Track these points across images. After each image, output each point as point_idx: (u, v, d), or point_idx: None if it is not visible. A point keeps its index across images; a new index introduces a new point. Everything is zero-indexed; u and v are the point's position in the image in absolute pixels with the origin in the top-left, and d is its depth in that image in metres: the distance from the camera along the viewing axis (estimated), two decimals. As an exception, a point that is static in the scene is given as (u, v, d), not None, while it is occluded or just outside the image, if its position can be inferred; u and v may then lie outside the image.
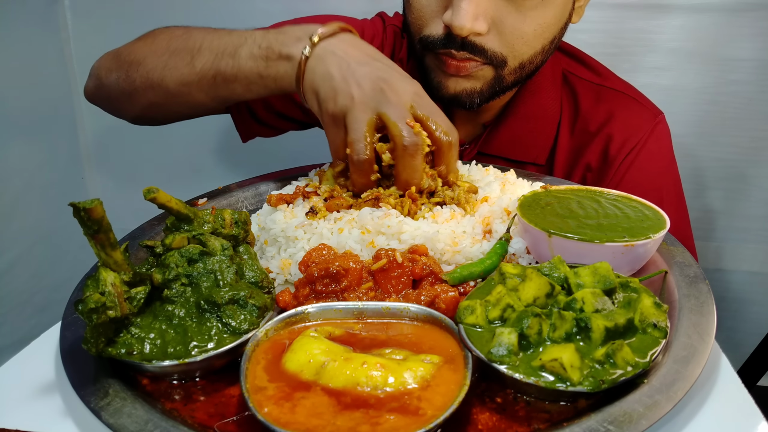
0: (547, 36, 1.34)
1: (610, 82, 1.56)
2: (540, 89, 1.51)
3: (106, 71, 1.46)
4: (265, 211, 1.20)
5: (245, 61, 1.21)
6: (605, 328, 0.77)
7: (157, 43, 1.37)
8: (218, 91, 1.29)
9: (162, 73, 1.32)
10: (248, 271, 0.94)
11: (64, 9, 2.40)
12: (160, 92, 1.35)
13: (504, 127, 1.53)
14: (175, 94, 1.34)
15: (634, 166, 1.47)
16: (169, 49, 1.33)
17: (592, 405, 0.74)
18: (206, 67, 1.26)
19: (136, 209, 1.41)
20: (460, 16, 1.21)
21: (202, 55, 1.27)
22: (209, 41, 1.28)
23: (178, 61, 1.30)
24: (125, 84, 1.40)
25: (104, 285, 0.78)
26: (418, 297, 0.91)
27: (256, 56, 1.20)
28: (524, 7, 1.26)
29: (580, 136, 1.52)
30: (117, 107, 1.52)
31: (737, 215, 2.24)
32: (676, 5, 2.02)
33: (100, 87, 1.49)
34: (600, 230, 0.98)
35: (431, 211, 1.11)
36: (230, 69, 1.23)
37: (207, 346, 0.81)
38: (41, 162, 2.38)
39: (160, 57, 1.34)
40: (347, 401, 0.72)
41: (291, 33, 1.19)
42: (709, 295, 0.91)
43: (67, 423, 0.77)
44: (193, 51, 1.29)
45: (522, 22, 1.28)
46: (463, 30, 1.23)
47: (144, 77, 1.36)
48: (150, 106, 1.42)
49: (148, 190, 0.89)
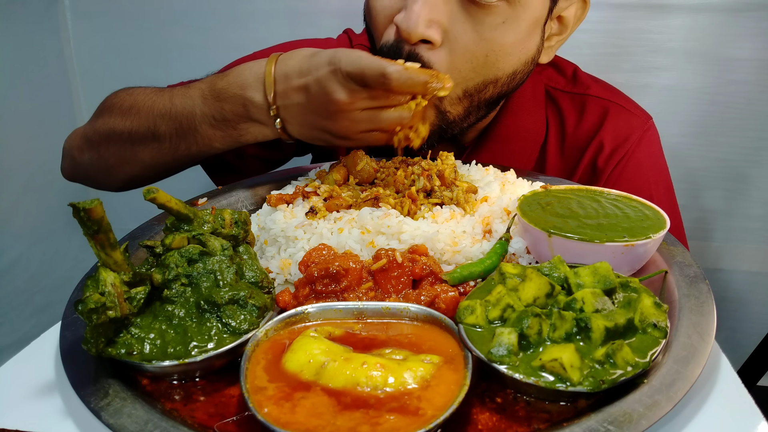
0: (501, 66, 1.23)
1: (593, 90, 1.50)
2: (521, 109, 1.45)
3: (78, 151, 1.45)
4: (265, 211, 1.20)
5: (209, 132, 1.21)
6: (605, 328, 0.77)
7: (113, 120, 1.35)
8: (195, 161, 1.32)
9: (133, 150, 1.32)
10: (248, 271, 0.94)
11: (64, 9, 2.41)
12: (138, 167, 1.35)
13: (484, 149, 1.49)
14: (153, 167, 1.34)
15: (623, 177, 1.44)
16: (130, 129, 1.31)
17: (592, 405, 0.73)
18: (174, 145, 1.27)
19: (136, 209, 1.41)
20: (411, 18, 1.12)
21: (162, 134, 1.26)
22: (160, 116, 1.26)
23: (143, 140, 1.29)
24: (99, 162, 1.40)
25: (104, 285, 0.78)
26: (418, 297, 0.91)
27: (220, 125, 1.20)
28: (482, 25, 1.17)
29: (570, 153, 1.49)
30: (98, 183, 1.51)
31: (737, 215, 2.25)
32: (676, 5, 2.02)
33: (76, 167, 1.49)
34: (600, 230, 0.98)
35: (431, 211, 1.11)
36: (198, 147, 1.24)
37: (207, 346, 0.81)
38: (41, 162, 2.38)
39: (122, 134, 1.32)
40: (347, 401, 0.72)
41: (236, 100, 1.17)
42: (709, 295, 0.91)
43: (67, 423, 0.77)
44: (151, 128, 1.27)
45: (476, 43, 1.18)
46: (412, 35, 1.14)
47: (116, 155, 1.36)
48: (131, 180, 1.41)
49: (148, 190, 0.89)
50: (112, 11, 2.39)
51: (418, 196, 1.14)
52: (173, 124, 1.24)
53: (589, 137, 1.47)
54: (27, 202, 2.32)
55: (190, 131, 1.23)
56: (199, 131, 1.22)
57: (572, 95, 1.50)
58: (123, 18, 2.37)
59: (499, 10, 1.16)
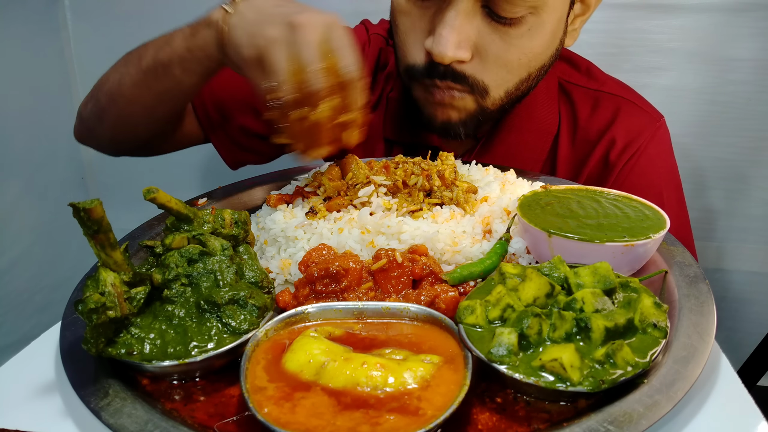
0: (533, 65, 1.30)
1: (608, 86, 1.53)
2: (535, 102, 1.48)
3: (83, 105, 1.48)
4: (265, 211, 1.20)
5: (178, 43, 1.20)
6: (605, 328, 0.77)
7: (119, 61, 1.39)
8: (162, 83, 1.27)
9: (119, 82, 1.33)
10: (248, 271, 0.94)
11: (64, 9, 2.41)
12: (121, 102, 1.35)
13: (498, 141, 1.50)
14: (131, 100, 1.34)
15: (635, 171, 1.45)
16: (126, 60, 1.35)
17: (592, 405, 0.73)
18: (149, 63, 1.26)
19: (136, 209, 1.41)
20: (441, 43, 1.18)
21: (147, 54, 1.27)
22: (155, 40, 1.28)
23: (130, 68, 1.31)
24: (96, 108, 1.42)
25: (104, 285, 0.78)
26: (418, 297, 0.91)
27: (186, 35, 1.19)
28: (509, 36, 1.22)
29: (581, 146, 1.50)
30: (93, 135, 1.52)
31: (737, 215, 2.24)
32: (676, 5, 2.02)
33: (81, 122, 1.51)
34: (600, 230, 0.98)
35: (431, 211, 1.11)
36: (167, 55, 1.22)
37: (207, 346, 0.81)
38: (41, 162, 2.38)
39: (118, 68, 1.36)
40: (347, 401, 0.72)
41: (215, 6, 1.16)
42: (709, 295, 0.91)
43: (67, 423, 0.77)
44: (141, 54, 1.29)
45: (506, 50, 1.24)
46: (444, 58, 1.20)
47: (107, 94, 1.37)
48: (116, 123, 1.42)
49: (148, 190, 0.89)
50: (112, 11, 2.39)
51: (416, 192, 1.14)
52: (159, 41, 1.26)
53: (601, 132, 1.48)
54: (27, 202, 2.32)
55: (165, 43, 1.23)
56: (171, 41, 1.22)
57: (586, 90, 1.52)
58: (123, 18, 2.37)
59: (524, 20, 1.21)
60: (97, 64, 1.70)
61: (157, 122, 1.43)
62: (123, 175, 2.65)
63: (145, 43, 1.34)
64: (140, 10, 2.35)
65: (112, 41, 2.13)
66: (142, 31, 1.46)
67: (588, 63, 1.59)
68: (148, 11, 2.34)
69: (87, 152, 2.63)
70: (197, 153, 2.54)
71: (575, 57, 1.59)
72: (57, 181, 2.47)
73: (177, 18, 1.30)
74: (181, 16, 1.22)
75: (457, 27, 1.18)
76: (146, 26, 1.48)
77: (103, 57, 1.55)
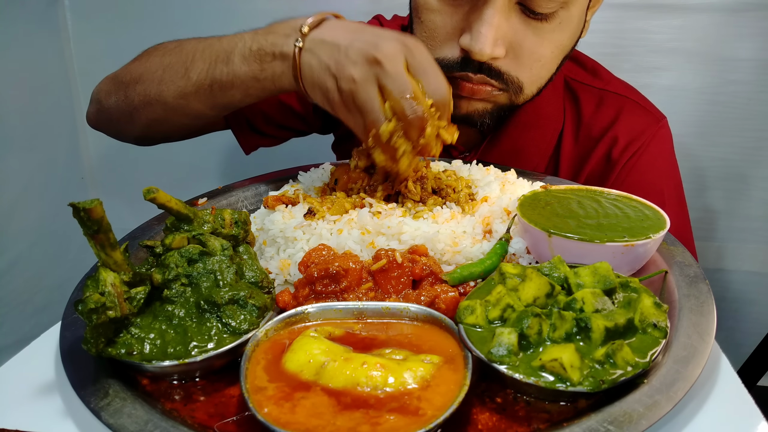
0: (561, 57, 1.34)
1: (612, 86, 1.55)
2: (541, 98, 1.49)
3: (105, 94, 1.46)
4: (264, 212, 1.20)
5: (239, 66, 1.20)
6: (605, 328, 0.77)
7: (151, 60, 1.37)
8: (216, 99, 1.27)
9: (159, 88, 1.32)
10: (248, 271, 0.94)
11: (64, 9, 2.41)
12: (159, 108, 1.35)
13: (504, 136, 1.51)
14: (174, 108, 1.33)
15: (636, 170, 1.46)
16: (163, 64, 1.33)
17: (592, 405, 0.74)
18: (201, 77, 1.25)
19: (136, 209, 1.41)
20: (480, 41, 1.20)
21: (195, 66, 1.26)
22: (201, 50, 1.27)
23: (173, 75, 1.30)
24: (124, 104, 1.41)
25: (104, 285, 0.78)
26: (418, 297, 0.91)
27: (249, 59, 1.19)
28: (542, 31, 1.25)
29: (584, 143, 1.52)
30: (118, 129, 1.52)
31: (737, 215, 2.25)
32: (676, 5, 2.02)
33: (100, 111, 1.50)
34: (600, 230, 0.98)
35: (431, 211, 1.11)
36: (225, 76, 1.22)
37: (207, 346, 0.81)
38: (41, 162, 2.38)
39: (155, 72, 1.34)
40: (347, 401, 0.72)
41: (280, 31, 1.17)
42: (709, 295, 0.91)
43: (67, 423, 0.77)
44: (186, 62, 1.28)
45: (539, 45, 1.27)
46: (483, 55, 1.22)
47: (142, 95, 1.36)
48: (150, 124, 1.42)
49: (148, 190, 0.89)
50: (112, 11, 2.39)
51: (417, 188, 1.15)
52: (211, 55, 1.25)
53: (604, 129, 1.50)
54: (27, 202, 2.32)
55: (221, 62, 1.23)
56: (230, 62, 1.21)
57: (591, 88, 1.54)
58: (123, 18, 2.37)
59: (555, 15, 1.24)
60: (97, 64, 1.70)
61: (198, 126, 1.44)
62: (123, 175, 2.66)
63: (180, 42, 1.33)
64: (140, 10, 2.35)
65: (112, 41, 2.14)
66: (142, 31, 1.46)
67: (594, 62, 1.61)
68: (149, 11, 2.34)
69: (87, 152, 2.63)
70: (197, 153, 2.55)
71: (581, 56, 1.61)
72: (57, 181, 2.47)
73: (177, 18, 1.30)
74: (181, 16, 1.22)
75: (495, 24, 1.20)
76: (146, 26, 1.49)
77: (103, 57, 1.55)
